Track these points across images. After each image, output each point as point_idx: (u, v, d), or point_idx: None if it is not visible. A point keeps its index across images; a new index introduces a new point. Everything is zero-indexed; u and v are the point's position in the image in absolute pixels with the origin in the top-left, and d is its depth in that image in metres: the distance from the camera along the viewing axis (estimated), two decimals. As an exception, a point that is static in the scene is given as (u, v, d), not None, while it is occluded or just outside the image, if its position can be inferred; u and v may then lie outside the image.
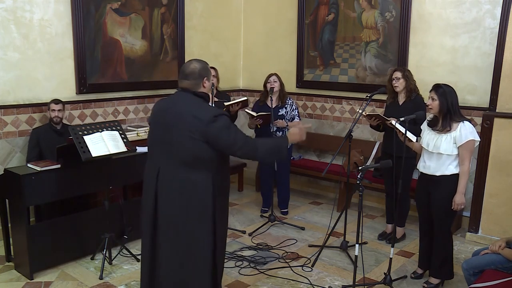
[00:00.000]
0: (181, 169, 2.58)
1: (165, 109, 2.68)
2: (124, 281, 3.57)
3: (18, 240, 3.65)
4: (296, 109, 4.90)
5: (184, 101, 2.64)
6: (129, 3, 5.00)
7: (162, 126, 2.63)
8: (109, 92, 4.97)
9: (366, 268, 3.68)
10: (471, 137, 3.22)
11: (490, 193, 4.32)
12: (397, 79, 4.07)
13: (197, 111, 2.56)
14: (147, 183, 2.72)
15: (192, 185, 2.58)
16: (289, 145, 2.84)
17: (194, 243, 2.64)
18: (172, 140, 2.58)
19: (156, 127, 2.69)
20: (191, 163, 2.57)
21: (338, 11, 5.48)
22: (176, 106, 2.63)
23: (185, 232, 2.63)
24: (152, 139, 2.72)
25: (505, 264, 2.97)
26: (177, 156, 2.58)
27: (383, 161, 3.07)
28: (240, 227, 4.73)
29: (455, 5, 4.63)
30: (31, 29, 4.30)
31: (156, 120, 2.70)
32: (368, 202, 5.44)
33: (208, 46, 5.99)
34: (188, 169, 2.58)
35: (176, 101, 2.67)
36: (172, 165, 2.60)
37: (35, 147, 4.16)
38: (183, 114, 2.57)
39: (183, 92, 2.67)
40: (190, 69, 2.66)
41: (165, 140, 2.61)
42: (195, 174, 2.58)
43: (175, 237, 2.65)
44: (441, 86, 3.31)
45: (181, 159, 2.57)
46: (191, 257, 2.66)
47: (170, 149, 2.60)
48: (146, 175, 2.74)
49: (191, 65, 2.68)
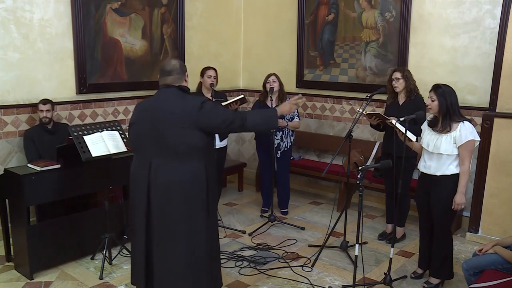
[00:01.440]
0: (174, 160, 2.66)
1: (150, 107, 2.77)
2: (124, 281, 3.57)
3: (18, 240, 3.65)
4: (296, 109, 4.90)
5: (169, 95, 2.74)
6: (129, 3, 5.00)
7: (149, 123, 2.70)
8: (109, 92, 4.97)
9: (366, 268, 3.69)
10: (471, 137, 3.22)
11: (490, 193, 4.32)
12: (396, 80, 4.07)
13: (184, 103, 2.68)
14: (137, 180, 2.76)
15: (186, 173, 2.66)
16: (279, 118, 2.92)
17: (190, 232, 2.70)
18: (162, 134, 2.65)
19: (142, 125, 2.75)
20: (184, 154, 2.65)
21: (338, 11, 5.48)
22: (162, 102, 2.73)
23: (181, 221, 2.68)
24: (138, 137, 2.77)
25: (505, 264, 2.98)
26: (169, 149, 2.65)
27: (383, 161, 3.07)
28: (240, 227, 4.73)
29: (455, 5, 4.63)
30: (31, 29, 4.30)
31: (141, 119, 2.76)
32: (368, 202, 5.44)
33: (208, 46, 5.99)
34: (181, 160, 2.66)
35: (161, 97, 2.77)
36: (164, 157, 2.67)
37: (32, 148, 4.16)
38: (171, 108, 2.67)
39: (166, 88, 2.77)
40: (172, 65, 2.79)
41: (153, 135, 2.68)
42: (188, 164, 2.66)
43: (171, 227, 2.69)
44: (440, 86, 3.31)
45: (173, 151, 2.65)
46: (188, 248, 2.71)
47: (160, 143, 2.66)
48: (134, 172, 2.79)
49: (171, 62, 2.82)
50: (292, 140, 4.96)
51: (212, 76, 4.61)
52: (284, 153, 4.91)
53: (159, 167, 2.67)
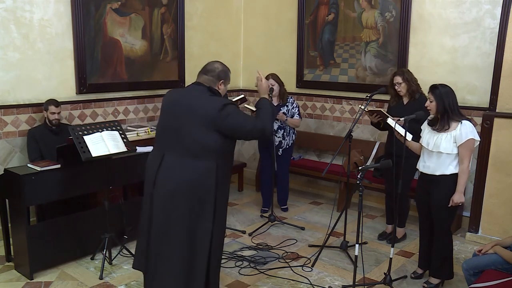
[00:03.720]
0: (186, 157, 2.65)
1: (177, 99, 2.78)
2: (124, 281, 3.57)
3: (18, 240, 3.65)
4: (297, 107, 4.91)
5: (196, 92, 2.74)
6: (129, 3, 5.00)
7: (172, 114, 2.72)
8: (109, 92, 4.97)
9: (366, 268, 3.68)
10: (471, 136, 3.22)
11: (490, 193, 4.32)
12: (399, 84, 4.07)
13: (207, 102, 2.68)
14: (148, 170, 2.77)
15: (194, 172, 2.64)
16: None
17: (190, 232, 2.69)
18: (180, 129, 2.66)
19: (167, 115, 2.77)
20: (197, 152, 2.64)
21: (338, 11, 5.48)
22: (188, 97, 2.74)
23: (180, 219, 2.67)
24: (161, 127, 2.80)
25: (505, 264, 2.98)
26: (184, 145, 2.65)
27: (383, 161, 3.07)
28: (240, 227, 4.73)
29: (455, 5, 4.63)
30: (31, 29, 4.30)
31: (167, 109, 2.79)
32: (368, 202, 5.44)
33: (208, 46, 5.99)
34: (192, 158, 2.65)
35: (189, 92, 2.79)
36: (176, 152, 2.67)
37: (35, 146, 4.17)
38: (194, 104, 2.68)
39: (197, 85, 2.78)
40: (213, 66, 2.82)
41: (173, 128, 2.70)
42: (198, 163, 2.64)
43: (171, 224, 2.68)
44: (437, 87, 3.30)
45: (187, 148, 2.65)
46: (189, 248, 2.70)
47: (177, 138, 2.67)
48: (148, 163, 2.80)
49: (215, 64, 2.85)
50: (293, 139, 4.98)
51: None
52: (286, 150, 4.94)
53: (170, 162, 2.67)
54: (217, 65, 2.83)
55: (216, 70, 2.80)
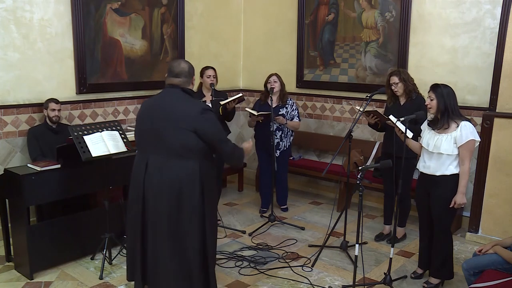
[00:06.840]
0: (170, 158, 2.72)
1: (154, 105, 2.83)
2: (124, 281, 3.56)
3: (18, 240, 3.65)
4: (296, 109, 4.92)
5: (173, 96, 2.80)
6: (129, 3, 5.00)
7: (150, 120, 2.77)
8: (109, 92, 4.97)
9: (366, 268, 3.68)
10: (472, 137, 3.22)
11: (490, 193, 4.32)
12: (395, 84, 4.07)
13: (186, 105, 2.75)
14: (135, 175, 2.84)
15: (179, 172, 2.70)
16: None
17: (181, 232, 2.74)
18: (160, 132, 2.71)
19: (144, 121, 2.83)
20: (179, 153, 2.70)
21: (338, 11, 5.48)
22: (165, 101, 2.79)
23: (171, 220, 2.73)
24: (140, 132, 2.86)
25: (505, 264, 2.98)
26: (166, 147, 2.71)
27: (383, 161, 3.07)
28: (240, 227, 4.73)
29: (455, 5, 4.63)
30: (31, 29, 4.30)
31: (144, 116, 2.84)
32: (368, 202, 5.44)
33: (208, 46, 5.99)
34: (176, 159, 2.71)
35: (165, 96, 2.82)
36: (160, 155, 2.73)
37: (36, 145, 4.17)
38: (172, 107, 2.73)
39: (171, 89, 2.82)
40: (181, 68, 2.83)
41: (153, 133, 2.75)
42: (183, 164, 2.71)
43: (162, 225, 2.73)
44: (439, 86, 3.31)
45: (169, 150, 2.70)
46: (182, 247, 2.75)
47: (158, 141, 2.73)
48: (134, 167, 2.87)
49: (180, 64, 2.85)
50: (291, 140, 4.98)
51: (211, 76, 4.61)
52: (283, 152, 4.94)
53: (155, 164, 2.73)
54: (183, 65, 2.85)
55: (185, 69, 2.83)
